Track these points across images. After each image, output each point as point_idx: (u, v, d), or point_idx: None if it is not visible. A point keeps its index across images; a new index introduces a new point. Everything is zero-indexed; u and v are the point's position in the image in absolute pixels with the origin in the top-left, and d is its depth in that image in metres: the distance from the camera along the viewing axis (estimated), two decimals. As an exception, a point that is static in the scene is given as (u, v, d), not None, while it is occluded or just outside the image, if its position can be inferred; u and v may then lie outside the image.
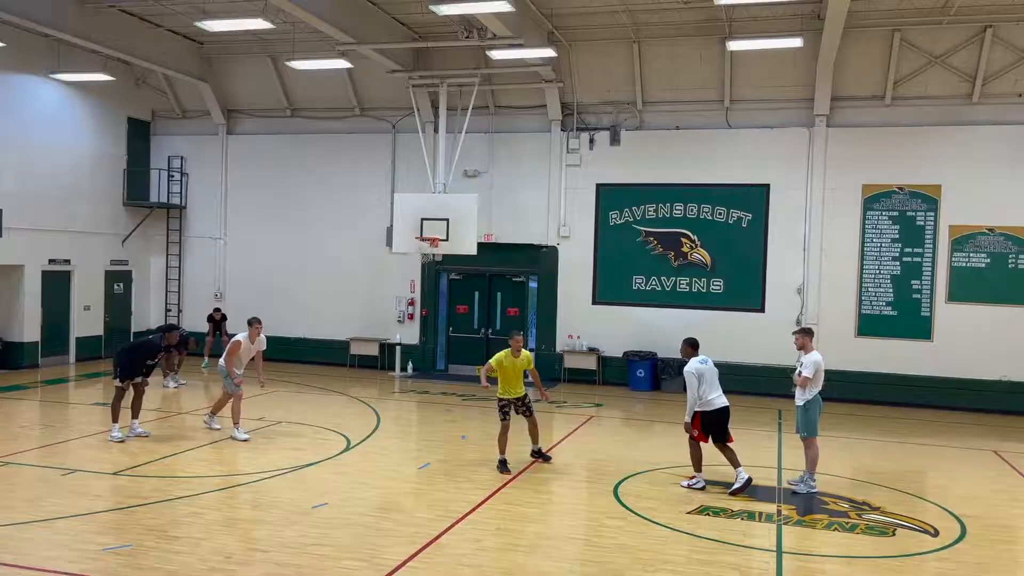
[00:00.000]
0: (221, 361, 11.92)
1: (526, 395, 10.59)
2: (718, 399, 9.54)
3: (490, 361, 10.45)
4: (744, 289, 17.27)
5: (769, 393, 16.39)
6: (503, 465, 10.23)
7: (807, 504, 9.21)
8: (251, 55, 19.21)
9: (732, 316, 17.28)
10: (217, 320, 19.10)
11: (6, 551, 7.06)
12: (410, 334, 19.24)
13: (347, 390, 16.42)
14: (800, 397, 9.62)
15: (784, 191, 17.03)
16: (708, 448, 9.68)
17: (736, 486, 9.35)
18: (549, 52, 15.75)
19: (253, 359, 12.13)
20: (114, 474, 9.62)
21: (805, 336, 9.79)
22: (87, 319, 19.49)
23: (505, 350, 10.44)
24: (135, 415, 11.58)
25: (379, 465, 10.49)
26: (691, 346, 9.85)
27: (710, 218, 17.45)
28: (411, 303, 19.35)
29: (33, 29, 16.07)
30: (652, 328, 17.58)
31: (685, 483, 9.68)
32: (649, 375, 17.38)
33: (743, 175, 17.22)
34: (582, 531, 8.26)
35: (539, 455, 10.81)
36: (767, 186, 17.14)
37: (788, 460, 11.28)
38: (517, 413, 10.51)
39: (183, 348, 16.30)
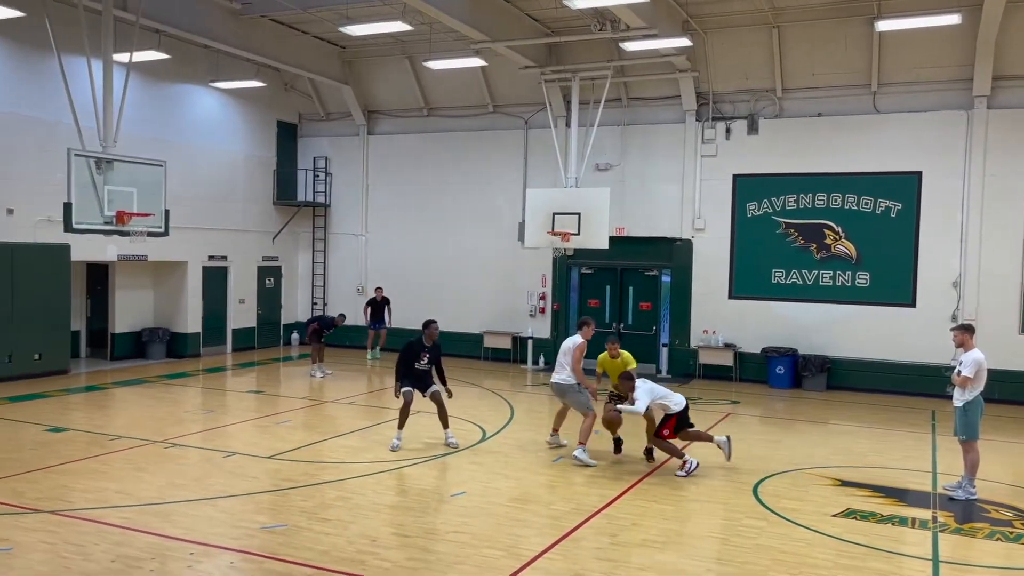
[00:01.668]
0: (566, 376, 10.52)
1: None
2: (679, 399, 10.01)
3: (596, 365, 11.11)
4: (893, 283, 16.37)
5: (920, 392, 15.59)
6: (617, 446, 10.75)
7: (966, 511, 8.67)
8: (390, 57, 19.89)
9: (880, 311, 16.44)
10: (378, 302, 19.43)
11: (177, 526, 7.67)
12: (541, 328, 19.41)
13: (481, 382, 16.76)
14: (959, 398, 9.11)
15: (938, 178, 15.99)
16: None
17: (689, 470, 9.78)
18: (684, 41, 15.45)
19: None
20: (268, 458, 10.25)
21: (965, 333, 9.26)
22: (242, 312, 20.80)
23: (603, 353, 11.05)
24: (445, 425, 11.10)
25: (514, 456, 10.66)
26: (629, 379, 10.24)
27: (856, 208, 16.63)
28: (542, 297, 19.50)
29: (195, 41, 17.30)
30: (793, 323, 16.99)
31: (682, 472, 9.73)
32: (789, 372, 16.76)
33: (892, 163, 16.31)
34: (720, 530, 8.10)
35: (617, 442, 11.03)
36: (919, 174, 16.15)
37: (944, 464, 10.62)
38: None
39: (318, 338, 17.00)
